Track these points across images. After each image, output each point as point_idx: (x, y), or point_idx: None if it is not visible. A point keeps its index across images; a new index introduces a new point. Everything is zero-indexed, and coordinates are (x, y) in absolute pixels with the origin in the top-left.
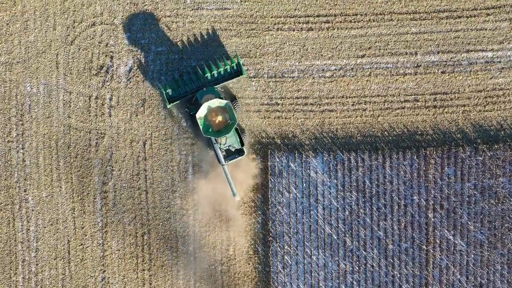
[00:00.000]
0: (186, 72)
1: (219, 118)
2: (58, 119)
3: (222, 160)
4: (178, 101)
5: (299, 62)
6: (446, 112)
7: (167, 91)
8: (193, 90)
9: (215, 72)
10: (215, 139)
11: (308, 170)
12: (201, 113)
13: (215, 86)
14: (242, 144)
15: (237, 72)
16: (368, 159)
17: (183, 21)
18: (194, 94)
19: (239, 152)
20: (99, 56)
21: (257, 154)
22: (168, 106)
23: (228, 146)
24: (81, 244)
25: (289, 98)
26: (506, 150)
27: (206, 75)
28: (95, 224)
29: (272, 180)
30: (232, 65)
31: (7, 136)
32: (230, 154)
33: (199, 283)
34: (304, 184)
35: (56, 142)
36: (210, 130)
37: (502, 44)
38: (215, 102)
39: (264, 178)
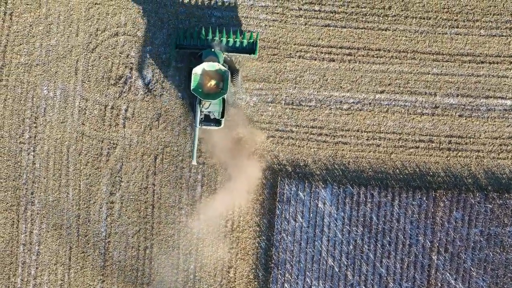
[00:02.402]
0: (205, 27)
1: (213, 82)
2: (72, 125)
3: (197, 122)
4: (185, 50)
5: (317, 92)
6: (459, 156)
7: (179, 36)
8: (202, 47)
9: (231, 39)
10: (199, 99)
11: (316, 200)
12: (198, 70)
13: (224, 53)
14: (222, 115)
15: (251, 50)
16: (377, 195)
17: None
18: (201, 51)
19: (217, 122)
20: (119, 66)
21: (267, 179)
22: (174, 50)
23: (209, 112)
24: (83, 252)
25: (304, 127)
26: None
27: (221, 39)
28: (98, 233)
29: (280, 206)
30: (250, 41)
31: (19, 137)
32: (207, 121)
33: None
34: (311, 214)
35: (67, 148)
36: (199, 89)
37: None
38: (216, 66)
39: (271, 204)
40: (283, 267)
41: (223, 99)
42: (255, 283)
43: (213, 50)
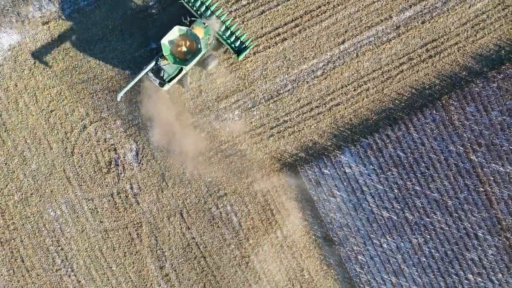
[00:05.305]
0: (215, 7)
1: (184, 49)
2: (93, 229)
3: (147, 69)
4: (185, 7)
5: (287, 74)
6: (443, 57)
7: None
8: (201, 14)
9: (230, 30)
10: (163, 53)
11: (342, 168)
12: (179, 30)
13: (211, 36)
14: (169, 81)
15: (238, 51)
16: (391, 132)
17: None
18: (196, 19)
19: (162, 81)
20: (103, 153)
21: (289, 175)
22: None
23: (163, 70)
24: None
25: (294, 111)
26: None
27: (223, 22)
28: None
29: (313, 192)
30: (244, 43)
31: (52, 266)
32: (155, 74)
33: None
34: (344, 183)
35: (100, 251)
36: (169, 46)
37: None
38: (197, 37)
39: (305, 194)
40: (347, 242)
41: (181, 70)
42: (331, 271)
43: (206, 25)
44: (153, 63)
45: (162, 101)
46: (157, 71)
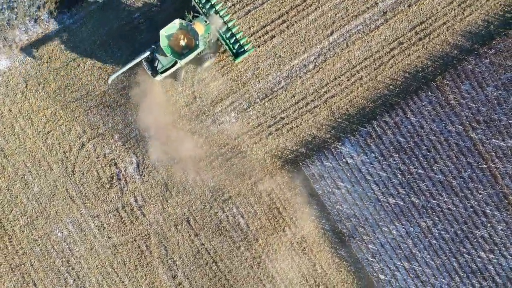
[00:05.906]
0: (220, 6)
1: (182, 43)
2: (101, 245)
3: (142, 56)
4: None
5: (279, 71)
6: (433, 38)
7: None
8: (205, 11)
9: (231, 31)
10: (160, 43)
11: (343, 159)
12: (180, 23)
13: (211, 34)
14: (162, 73)
15: (236, 53)
16: (389, 118)
17: (161, 94)
18: (200, 15)
19: (154, 72)
20: (104, 169)
21: (291, 171)
22: None
23: (157, 60)
24: None
25: (290, 107)
26: (504, 40)
27: (226, 22)
28: None
29: (318, 186)
30: (244, 47)
31: (65, 286)
32: (149, 63)
33: None
34: (348, 173)
35: (111, 266)
36: (167, 38)
37: None
38: (198, 32)
39: (310, 189)
40: (356, 233)
41: (175, 63)
42: (344, 262)
43: (207, 23)
44: (148, 52)
45: (157, 111)
46: (151, 61)
